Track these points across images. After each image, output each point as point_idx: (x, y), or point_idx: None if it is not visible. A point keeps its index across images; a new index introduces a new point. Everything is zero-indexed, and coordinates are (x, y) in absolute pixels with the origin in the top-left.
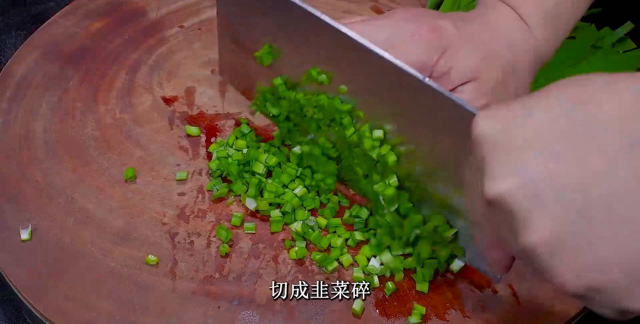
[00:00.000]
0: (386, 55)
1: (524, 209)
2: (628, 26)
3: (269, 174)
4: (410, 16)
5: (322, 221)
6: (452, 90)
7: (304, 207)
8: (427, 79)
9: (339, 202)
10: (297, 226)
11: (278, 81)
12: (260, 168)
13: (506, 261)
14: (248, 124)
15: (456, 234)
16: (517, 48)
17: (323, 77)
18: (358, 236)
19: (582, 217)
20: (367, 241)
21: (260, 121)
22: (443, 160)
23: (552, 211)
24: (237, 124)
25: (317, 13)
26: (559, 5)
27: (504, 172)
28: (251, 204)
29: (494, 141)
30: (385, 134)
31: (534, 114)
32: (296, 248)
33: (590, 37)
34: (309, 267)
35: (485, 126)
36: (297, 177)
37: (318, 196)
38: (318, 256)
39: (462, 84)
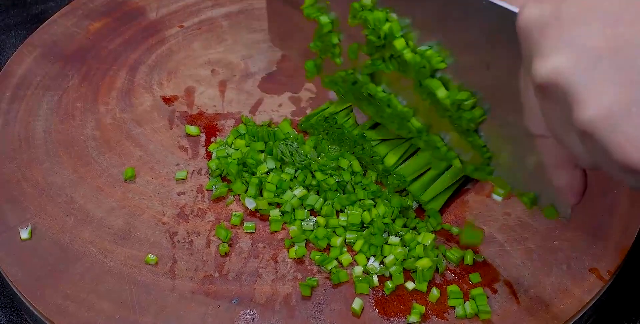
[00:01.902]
0: None
1: (578, 83)
2: None
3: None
4: None
5: (322, 221)
6: None
7: (304, 207)
8: None
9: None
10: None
11: (325, 19)
12: (260, 168)
13: (578, 185)
14: (246, 124)
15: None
16: None
17: (367, 0)
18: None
19: None
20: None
21: (261, 118)
22: (499, 81)
23: (609, 81)
24: (237, 123)
25: None
26: None
27: (554, 48)
28: (250, 203)
29: (542, 21)
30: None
31: None
32: (295, 247)
33: None
34: (309, 266)
35: (532, 10)
36: (295, 178)
37: (318, 194)
38: (317, 255)
39: None
